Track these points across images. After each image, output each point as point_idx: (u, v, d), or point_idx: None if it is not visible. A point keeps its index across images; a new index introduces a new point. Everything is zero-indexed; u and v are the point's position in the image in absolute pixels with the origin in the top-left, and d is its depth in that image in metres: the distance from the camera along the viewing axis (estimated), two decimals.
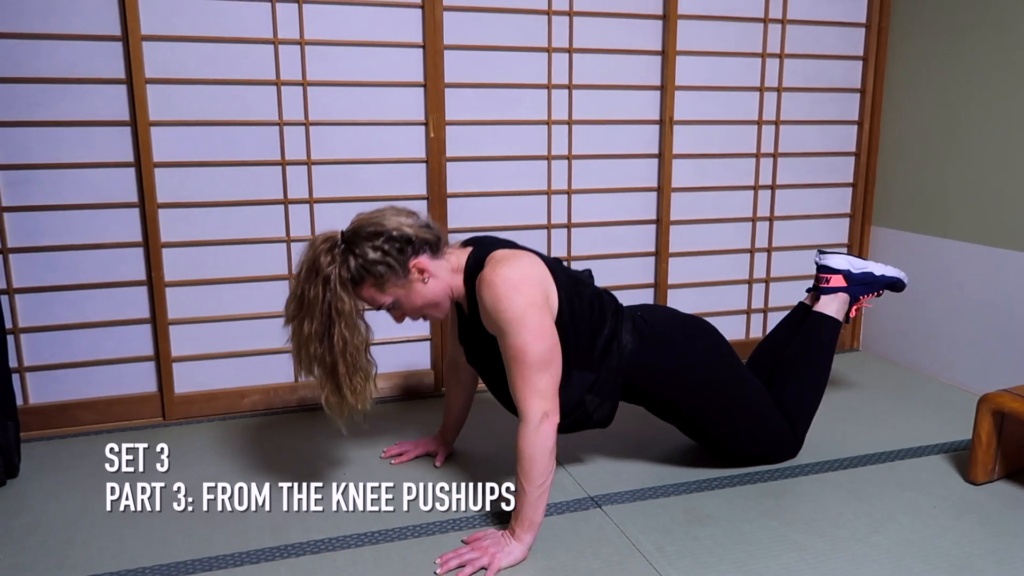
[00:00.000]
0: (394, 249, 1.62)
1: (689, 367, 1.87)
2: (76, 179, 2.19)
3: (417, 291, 1.68)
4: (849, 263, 2.16)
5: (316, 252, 1.61)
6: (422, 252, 1.66)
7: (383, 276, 1.63)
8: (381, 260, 1.61)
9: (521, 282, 1.59)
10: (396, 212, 1.68)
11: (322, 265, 1.59)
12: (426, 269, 1.66)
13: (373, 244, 1.61)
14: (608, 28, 2.57)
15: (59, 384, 2.27)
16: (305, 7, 2.28)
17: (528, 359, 1.56)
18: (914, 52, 2.75)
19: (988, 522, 1.75)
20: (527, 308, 1.56)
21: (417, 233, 1.65)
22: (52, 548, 1.65)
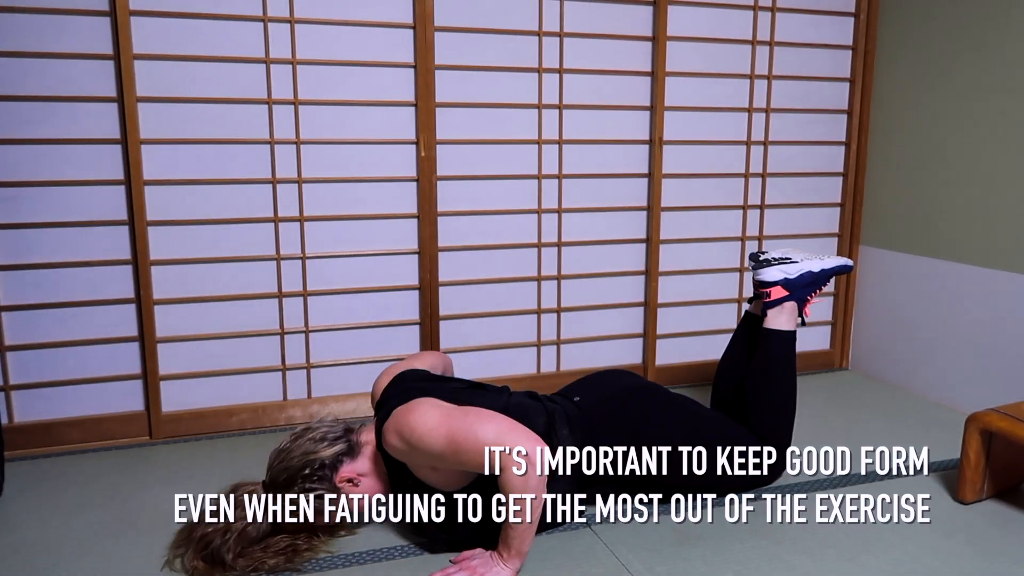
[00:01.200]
0: (315, 481, 1.65)
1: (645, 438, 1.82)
2: (66, 197, 2.18)
3: (358, 495, 1.72)
4: (783, 272, 2.08)
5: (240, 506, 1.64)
6: (340, 465, 1.69)
7: (320, 510, 1.66)
8: (312, 503, 1.65)
9: (411, 411, 1.61)
10: (301, 440, 1.69)
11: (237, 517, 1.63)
12: (352, 476, 1.70)
13: (293, 490, 1.64)
14: (598, 49, 2.59)
15: (45, 402, 2.25)
16: (297, 27, 2.29)
17: (458, 437, 1.53)
18: (901, 74, 2.78)
19: (977, 542, 1.75)
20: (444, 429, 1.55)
21: (328, 453, 1.68)
22: (37, 569, 1.63)
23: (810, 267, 2.10)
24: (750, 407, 1.99)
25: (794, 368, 2.05)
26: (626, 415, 1.86)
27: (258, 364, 2.41)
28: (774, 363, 2.04)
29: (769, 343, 2.05)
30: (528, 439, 1.53)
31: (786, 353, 2.05)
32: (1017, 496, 1.97)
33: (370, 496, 1.73)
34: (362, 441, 1.75)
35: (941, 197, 2.64)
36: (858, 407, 2.64)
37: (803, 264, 2.10)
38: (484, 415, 1.58)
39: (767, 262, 2.11)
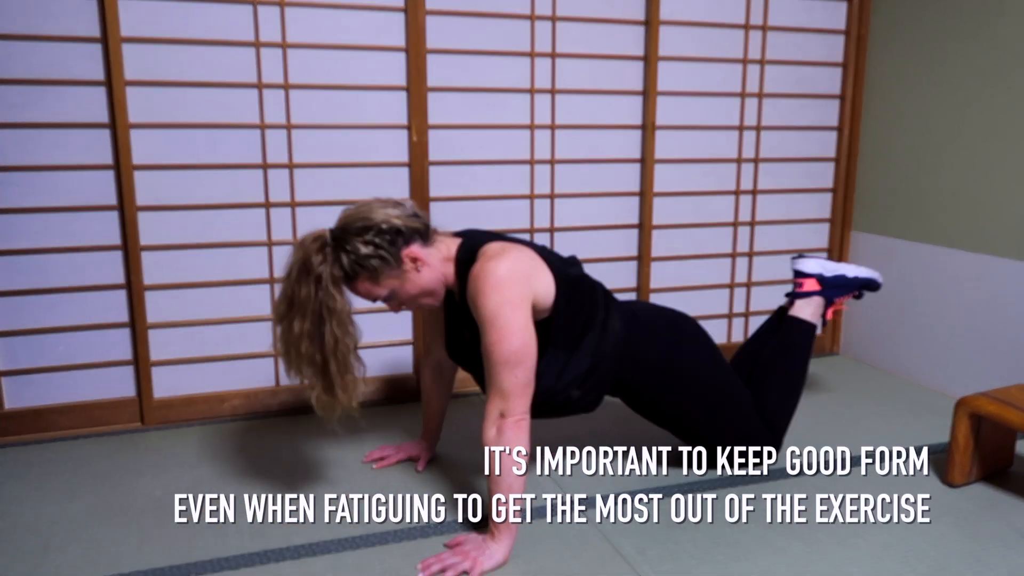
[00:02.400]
0: (385, 241, 1.62)
1: (675, 359, 1.88)
2: (54, 182, 2.16)
3: (412, 280, 1.68)
4: (821, 267, 2.17)
5: (306, 252, 1.60)
6: (413, 241, 1.66)
7: (377, 269, 1.63)
8: (373, 254, 1.61)
9: (502, 280, 1.59)
10: (382, 204, 1.68)
11: (313, 264, 1.59)
12: (419, 258, 1.67)
13: (363, 239, 1.61)
14: (591, 33, 2.58)
15: (35, 389, 2.24)
16: (287, 10, 2.27)
17: (493, 357, 1.57)
18: (893, 59, 2.78)
19: (965, 524, 1.77)
20: (501, 306, 1.57)
21: (406, 223, 1.65)
22: (27, 554, 1.63)
23: (846, 271, 2.19)
24: (757, 383, 2.02)
25: (807, 360, 2.09)
26: (669, 327, 1.92)
27: (250, 350, 2.40)
28: (791, 349, 2.08)
29: (791, 330, 2.10)
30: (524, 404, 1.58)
31: (804, 343, 2.10)
32: (1005, 479, 1.98)
33: (422, 289, 1.70)
34: (439, 239, 1.73)
35: (933, 183, 2.65)
36: (849, 392, 2.65)
37: (841, 267, 2.19)
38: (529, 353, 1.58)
39: (811, 256, 2.21)
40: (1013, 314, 2.38)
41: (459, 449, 2.14)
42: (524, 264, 1.65)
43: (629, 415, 2.18)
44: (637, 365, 1.85)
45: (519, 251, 1.68)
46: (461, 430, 2.23)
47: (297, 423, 2.35)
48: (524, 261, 1.66)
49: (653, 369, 1.87)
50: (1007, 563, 1.61)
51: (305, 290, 1.58)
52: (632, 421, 2.23)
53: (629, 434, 2.22)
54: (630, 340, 1.83)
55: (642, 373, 1.86)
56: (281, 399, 2.45)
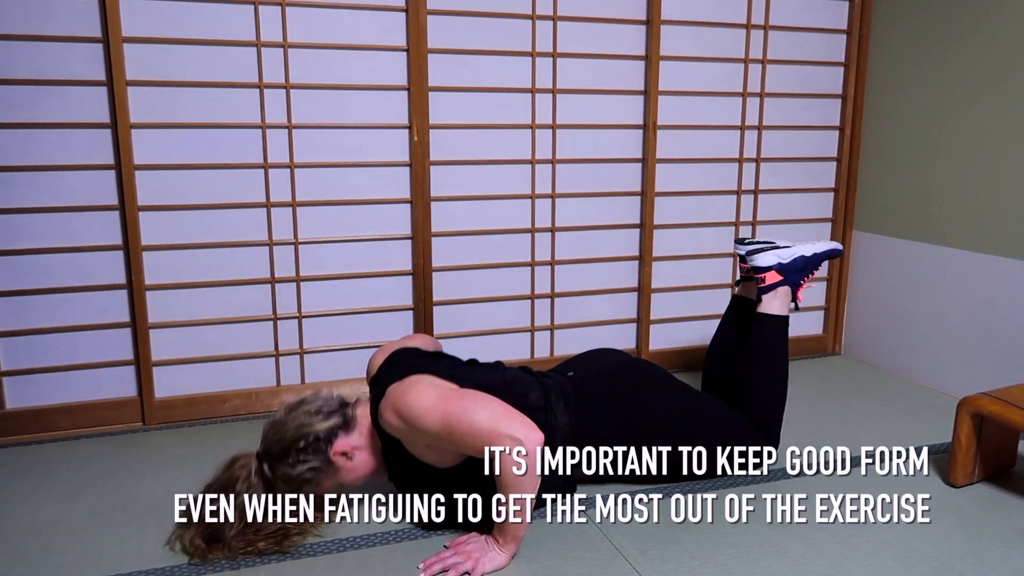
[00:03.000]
0: (309, 454, 1.64)
1: (638, 420, 1.85)
2: (55, 182, 2.16)
3: (351, 469, 1.70)
4: (777, 256, 2.10)
5: (232, 477, 1.65)
6: (335, 438, 1.67)
7: (314, 479, 1.66)
8: (305, 471, 1.64)
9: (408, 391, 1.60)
10: (295, 412, 1.68)
11: (237, 490, 1.64)
12: (346, 450, 1.68)
13: (287, 461, 1.63)
14: (592, 33, 2.57)
15: (37, 388, 2.24)
16: (288, 10, 2.27)
17: (452, 420, 1.53)
18: (895, 59, 2.78)
19: (968, 524, 1.76)
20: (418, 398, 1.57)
21: (323, 426, 1.66)
22: (29, 554, 1.63)
23: (803, 251, 2.12)
24: (742, 390, 2.01)
25: (786, 352, 2.06)
26: (620, 391, 1.87)
27: (251, 350, 2.41)
28: (767, 347, 2.04)
29: (763, 327, 2.06)
30: (523, 426, 1.52)
31: (779, 337, 2.06)
32: (1007, 479, 1.98)
33: (364, 472, 1.72)
34: (357, 415, 1.74)
35: (934, 182, 2.64)
36: (851, 392, 2.65)
37: (795, 248, 2.12)
38: (480, 399, 1.57)
39: (760, 248, 2.12)
40: (1015, 314, 2.38)
41: None
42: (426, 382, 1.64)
43: None
44: (599, 443, 1.83)
45: (419, 378, 1.66)
46: None
47: None
48: (424, 380, 1.65)
49: (618, 441, 1.84)
50: (1010, 563, 1.61)
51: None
52: None
53: None
54: (581, 426, 1.79)
55: (609, 446, 1.84)
56: (282, 399, 2.45)
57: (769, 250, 2.11)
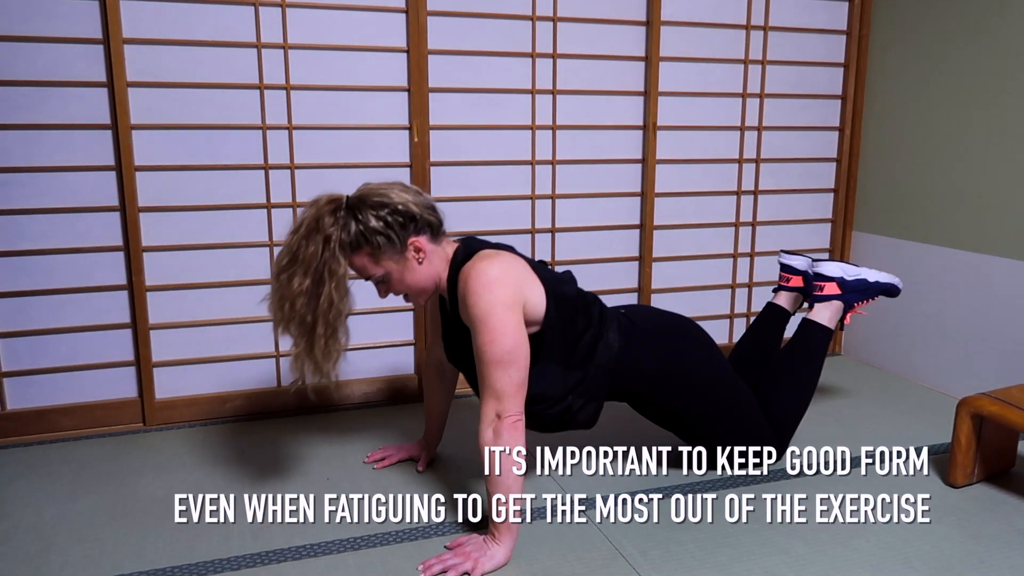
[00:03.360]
0: (396, 223, 1.62)
1: (676, 367, 1.88)
2: (56, 183, 2.17)
3: (411, 269, 1.68)
4: (843, 270, 2.15)
5: (320, 211, 1.60)
6: (423, 232, 1.67)
7: (380, 247, 1.63)
8: (382, 230, 1.61)
9: (494, 280, 1.59)
10: (404, 188, 1.68)
11: (324, 225, 1.59)
12: (423, 249, 1.67)
13: (377, 213, 1.61)
14: (592, 34, 2.58)
15: (37, 389, 2.25)
16: (288, 11, 2.27)
17: (485, 357, 1.57)
18: (895, 59, 2.78)
19: (967, 525, 1.77)
20: (493, 306, 1.57)
21: (421, 212, 1.66)
22: (30, 555, 1.63)
23: (866, 275, 2.17)
24: (770, 388, 2.02)
25: (821, 365, 2.09)
26: (671, 338, 1.91)
27: (252, 351, 2.41)
28: (808, 353, 2.08)
29: (809, 333, 2.09)
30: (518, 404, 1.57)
31: (821, 348, 2.10)
32: (1007, 480, 1.98)
33: (417, 285, 1.70)
34: (444, 244, 1.73)
35: (934, 183, 2.64)
36: (851, 392, 2.65)
37: (862, 271, 2.17)
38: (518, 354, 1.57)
39: (826, 260, 2.19)
40: (1015, 314, 2.38)
41: (460, 449, 2.14)
42: (516, 269, 1.66)
43: (629, 415, 2.17)
44: (636, 377, 1.85)
45: (512, 258, 1.69)
46: (462, 431, 2.23)
47: (298, 424, 2.35)
48: (516, 267, 1.66)
49: (653, 380, 1.87)
50: (1010, 564, 1.61)
51: (312, 248, 1.58)
52: (632, 421, 2.23)
53: (629, 434, 2.22)
54: (628, 353, 1.82)
55: (641, 384, 1.87)
56: (283, 400, 2.45)
57: (837, 261, 2.17)
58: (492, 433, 1.57)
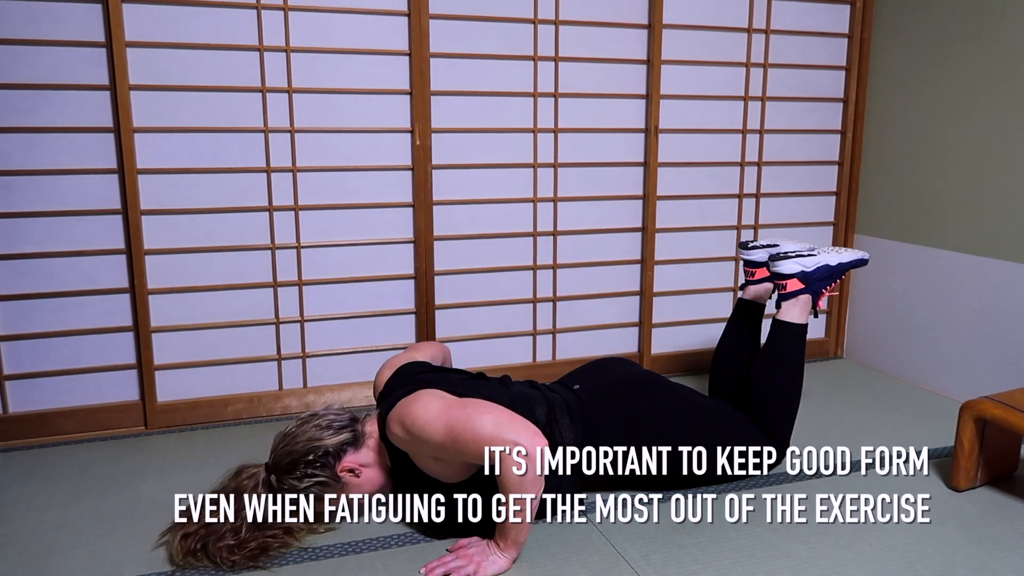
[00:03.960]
0: (317, 468, 1.66)
1: (645, 429, 1.84)
2: (59, 185, 2.17)
3: (357, 486, 1.73)
4: (801, 264, 2.08)
5: (240, 488, 1.66)
6: (344, 455, 1.70)
7: (320, 494, 1.68)
8: (312, 484, 1.66)
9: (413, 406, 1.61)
10: (307, 426, 1.70)
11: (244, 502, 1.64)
12: (354, 467, 1.71)
13: (294, 475, 1.65)
14: (594, 37, 2.58)
15: (39, 393, 2.25)
16: (291, 14, 2.27)
17: (457, 427, 1.53)
18: (897, 62, 2.78)
19: (970, 528, 1.76)
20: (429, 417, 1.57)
21: (333, 441, 1.68)
22: (32, 559, 1.63)
23: (827, 260, 2.11)
24: (755, 396, 2.00)
25: (803, 361, 2.06)
26: (627, 405, 1.87)
27: (253, 354, 2.41)
28: (784, 355, 2.04)
29: (781, 335, 2.06)
30: (526, 431, 1.52)
31: (797, 346, 2.06)
32: (1010, 483, 1.98)
33: (370, 489, 1.74)
34: (367, 431, 1.76)
35: (936, 186, 2.64)
36: (853, 396, 2.65)
37: (820, 257, 2.11)
38: (483, 406, 1.58)
39: (783, 255, 2.11)
40: (1017, 317, 2.38)
41: None
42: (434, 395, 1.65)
43: None
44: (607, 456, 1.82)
45: (426, 391, 1.67)
46: None
47: None
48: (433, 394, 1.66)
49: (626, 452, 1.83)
50: (1013, 567, 1.61)
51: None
52: None
53: None
54: (589, 439, 1.79)
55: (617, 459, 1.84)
56: (284, 403, 2.45)
57: (793, 257, 2.10)
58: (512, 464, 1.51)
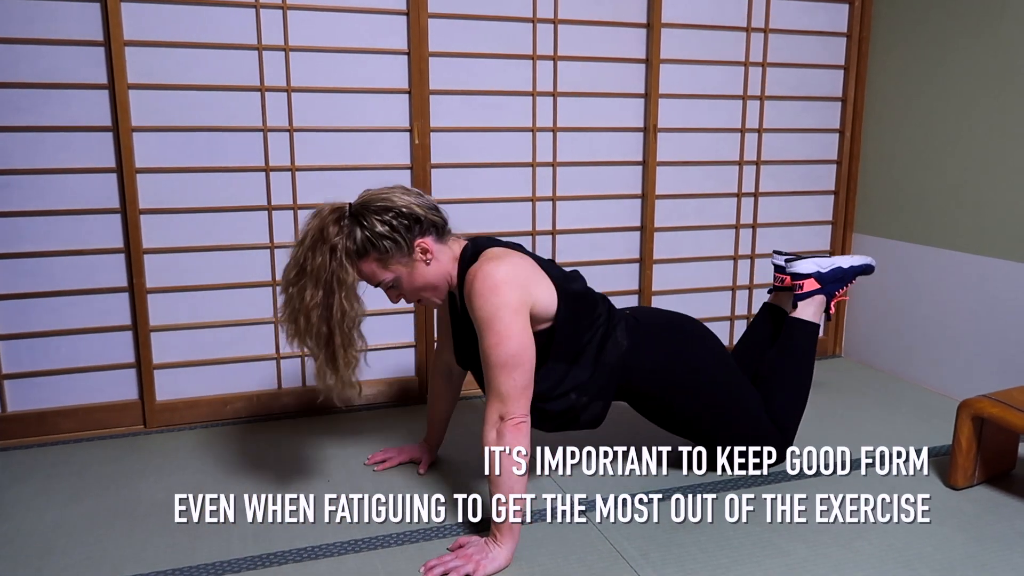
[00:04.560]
0: (402, 226, 1.63)
1: (683, 366, 1.89)
2: (57, 184, 2.17)
3: (419, 271, 1.69)
4: (816, 265, 2.18)
5: (323, 221, 1.61)
6: (428, 233, 1.68)
7: (388, 251, 1.64)
8: (388, 235, 1.62)
9: (500, 283, 1.59)
10: (405, 191, 1.69)
11: (329, 235, 1.59)
12: (430, 250, 1.68)
13: (381, 218, 1.62)
14: (592, 36, 2.58)
15: (38, 391, 2.25)
16: (290, 13, 2.27)
17: (491, 360, 1.57)
18: (895, 61, 2.78)
19: (968, 527, 1.77)
20: (498, 309, 1.57)
21: (425, 214, 1.67)
22: (30, 558, 1.63)
23: (840, 262, 2.20)
24: (766, 391, 2.02)
25: (813, 361, 2.10)
26: (677, 337, 1.93)
27: (252, 353, 2.41)
28: (797, 351, 2.09)
29: (795, 332, 2.10)
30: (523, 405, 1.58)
31: (810, 344, 2.11)
32: (1008, 481, 1.98)
33: (424, 285, 1.70)
34: (450, 243, 1.73)
35: (935, 185, 2.65)
36: (851, 394, 2.65)
37: (835, 260, 2.20)
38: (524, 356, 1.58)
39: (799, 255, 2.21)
40: (1015, 316, 2.38)
41: (461, 451, 2.14)
42: (523, 270, 1.66)
43: (629, 416, 2.17)
44: (642, 375, 1.85)
45: (520, 258, 1.69)
46: (463, 433, 2.23)
47: (299, 426, 2.35)
48: (524, 267, 1.67)
49: (658, 378, 1.87)
50: (1011, 566, 1.61)
51: (319, 259, 1.58)
52: (631, 422, 2.23)
53: (629, 434, 2.22)
54: (634, 352, 1.83)
55: (647, 383, 1.87)
56: (283, 402, 2.45)
57: (809, 258, 2.19)
58: (495, 434, 1.57)
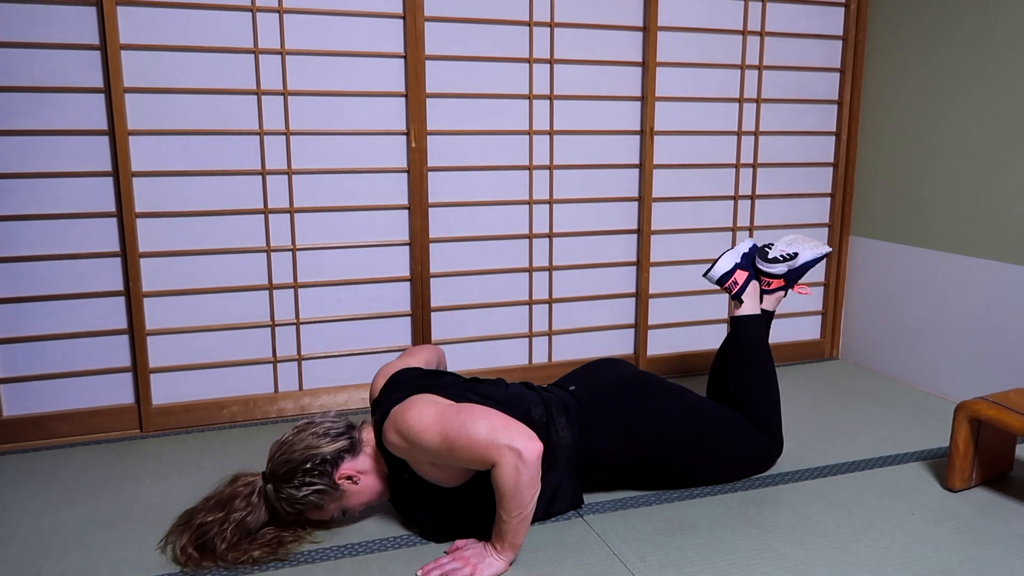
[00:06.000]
0: (315, 476, 1.64)
1: (647, 425, 1.85)
2: (53, 188, 2.16)
3: (355, 493, 1.70)
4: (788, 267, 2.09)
5: (234, 493, 1.65)
6: (342, 461, 1.68)
7: (319, 503, 1.66)
8: (309, 493, 1.64)
9: (408, 409, 1.61)
10: (304, 434, 1.68)
11: (235, 507, 1.63)
12: (352, 473, 1.69)
13: (293, 483, 1.63)
14: (589, 39, 2.58)
15: (34, 396, 2.24)
16: (286, 17, 2.27)
17: (452, 433, 1.54)
18: (891, 64, 2.79)
19: (966, 529, 1.77)
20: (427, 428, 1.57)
21: (331, 449, 1.66)
22: (26, 562, 1.63)
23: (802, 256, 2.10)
24: (741, 403, 2.00)
25: (768, 351, 2.06)
26: (623, 404, 1.87)
27: (249, 356, 2.40)
28: (749, 350, 2.05)
29: (744, 327, 2.06)
30: (521, 435, 1.53)
31: (757, 335, 2.05)
32: (1005, 484, 1.98)
33: (368, 496, 1.73)
34: (363, 439, 1.75)
35: (931, 187, 2.65)
36: (848, 397, 2.65)
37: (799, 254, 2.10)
38: (477, 411, 1.58)
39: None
40: (1012, 318, 2.38)
41: None
42: (428, 401, 1.65)
43: None
44: (604, 458, 1.83)
45: (421, 396, 1.67)
46: None
47: None
48: (427, 399, 1.65)
49: (623, 454, 1.84)
50: (1009, 567, 1.61)
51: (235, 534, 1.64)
52: None
53: None
54: (586, 439, 1.79)
55: (614, 461, 1.84)
56: (280, 406, 2.45)
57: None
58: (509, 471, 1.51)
